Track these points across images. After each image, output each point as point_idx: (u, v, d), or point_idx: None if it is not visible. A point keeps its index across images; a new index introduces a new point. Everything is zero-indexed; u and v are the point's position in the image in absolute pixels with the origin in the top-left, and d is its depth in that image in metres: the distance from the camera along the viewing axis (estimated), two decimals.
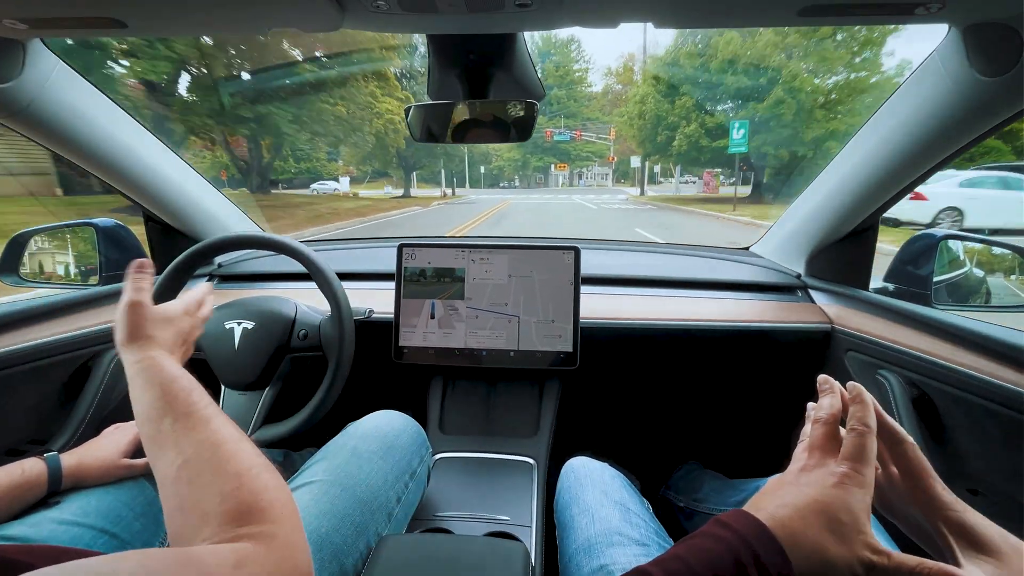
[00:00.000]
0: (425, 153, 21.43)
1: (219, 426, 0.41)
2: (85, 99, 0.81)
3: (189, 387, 0.44)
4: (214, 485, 0.36)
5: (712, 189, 21.25)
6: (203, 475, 0.37)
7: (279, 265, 1.19)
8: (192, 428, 0.40)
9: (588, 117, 37.66)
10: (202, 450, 0.39)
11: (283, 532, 0.35)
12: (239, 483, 0.37)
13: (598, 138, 34.26)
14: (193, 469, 0.37)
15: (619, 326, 1.01)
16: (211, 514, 0.35)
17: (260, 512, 0.35)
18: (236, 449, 0.40)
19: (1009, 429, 0.66)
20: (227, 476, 0.37)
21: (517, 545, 0.59)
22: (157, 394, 0.43)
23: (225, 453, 0.39)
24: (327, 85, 13.93)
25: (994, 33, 0.56)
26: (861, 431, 0.35)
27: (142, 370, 0.45)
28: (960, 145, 0.71)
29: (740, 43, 14.00)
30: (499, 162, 40.05)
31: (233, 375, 0.82)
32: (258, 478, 0.38)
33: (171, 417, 0.41)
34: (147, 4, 0.53)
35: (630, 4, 0.53)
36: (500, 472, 0.89)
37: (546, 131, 30.62)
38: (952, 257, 1.01)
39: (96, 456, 0.62)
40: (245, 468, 0.38)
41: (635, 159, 24.87)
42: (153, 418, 0.41)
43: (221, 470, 0.37)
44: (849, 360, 0.93)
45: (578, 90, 38.11)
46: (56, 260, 1.14)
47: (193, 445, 0.39)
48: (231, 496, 0.36)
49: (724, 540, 0.32)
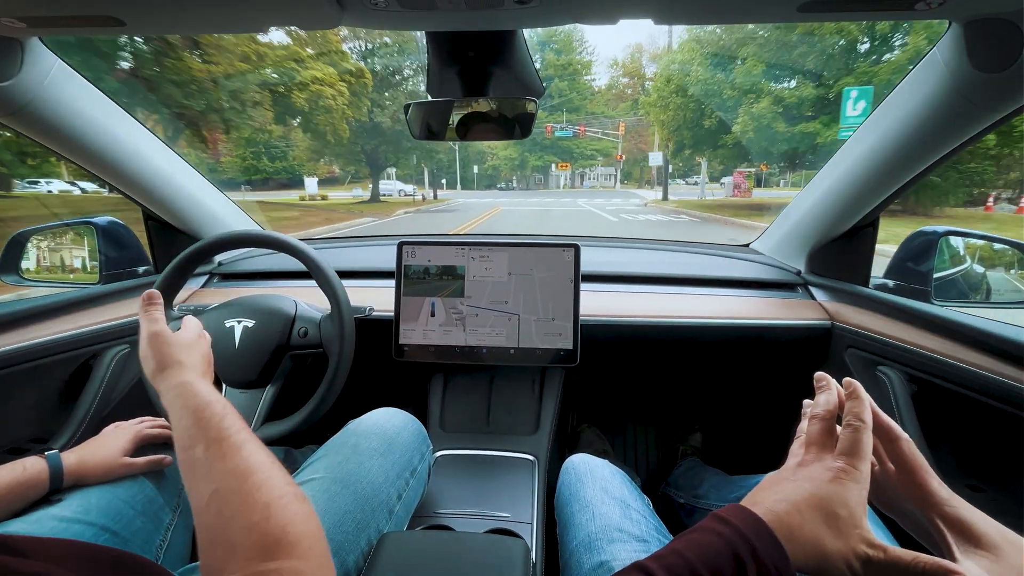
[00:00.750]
0: (394, 148, 18.15)
1: (250, 453, 0.41)
2: (84, 97, 0.81)
3: (222, 412, 0.44)
4: (241, 516, 0.36)
5: (744, 192, 17.15)
6: (231, 505, 0.37)
7: (279, 263, 1.19)
8: (223, 456, 0.40)
9: (592, 112, 34.62)
10: (231, 479, 0.38)
11: (310, 568, 0.34)
12: (267, 514, 0.36)
13: (604, 134, 31.40)
14: (222, 499, 0.37)
15: (619, 323, 1.01)
16: (238, 546, 0.34)
17: (288, 546, 0.35)
18: (266, 477, 0.39)
19: (1009, 425, 0.66)
20: (255, 507, 0.36)
21: (518, 542, 0.59)
22: (191, 421, 0.43)
23: (255, 482, 0.38)
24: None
25: (994, 29, 0.56)
26: (857, 426, 0.35)
27: (177, 396, 0.46)
28: (960, 141, 0.71)
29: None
30: (495, 161, 35.81)
31: (234, 373, 0.82)
32: (287, 509, 0.37)
33: (203, 444, 0.41)
34: (145, 2, 0.53)
35: (630, 1, 0.53)
36: (501, 469, 0.89)
37: (546, 127, 27.51)
38: (952, 253, 1.01)
39: (97, 454, 0.63)
40: (275, 498, 0.37)
41: (654, 156, 21.80)
42: (187, 446, 0.41)
43: (249, 500, 0.37)
44: (849, 356, 0.94)
45: (581, 81, 33.51)
46: (56, 259, 1.14)
47: (223, 474, 0.38)
48: (258, 528, 0.35)
49: (722, 535, 0.32)
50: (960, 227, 0.97)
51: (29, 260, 1.05)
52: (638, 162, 35.18)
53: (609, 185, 36.28)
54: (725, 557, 0.31)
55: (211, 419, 0.43)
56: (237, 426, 0.43)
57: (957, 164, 8.09)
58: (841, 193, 0.92)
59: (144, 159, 0.95)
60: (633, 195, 23.46)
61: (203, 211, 1.12)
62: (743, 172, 17.46)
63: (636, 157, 34.33)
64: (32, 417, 0.85)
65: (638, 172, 36.16)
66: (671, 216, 12.25)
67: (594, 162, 34.88)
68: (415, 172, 24.16)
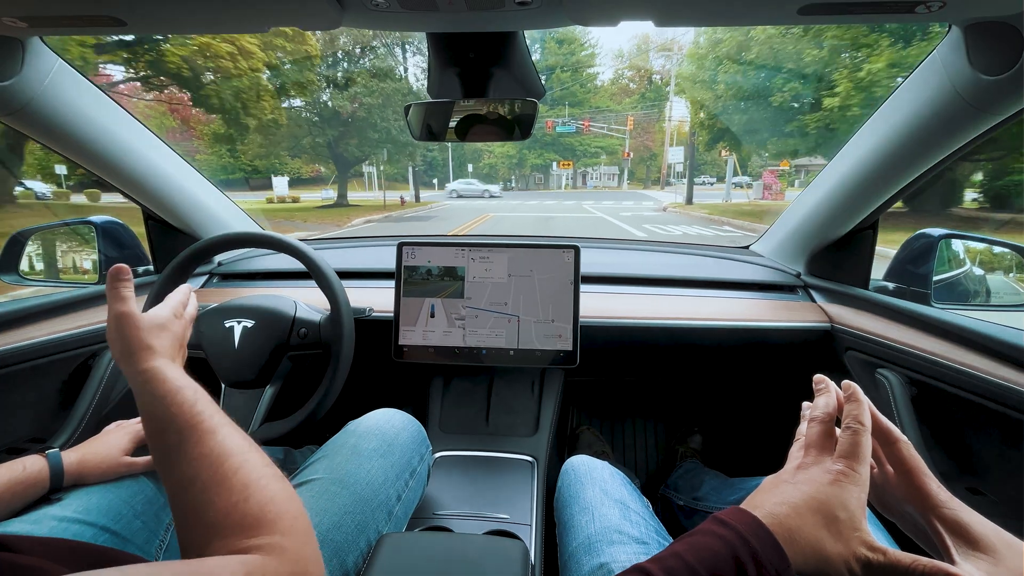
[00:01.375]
0: (359, 141, 14.92)
1: (225, 436, 0.40)
2: (85, 97, 0.81)
3: (193, 398, 0.43)
4: (220, 498, 0.36)
5: (776, 195, 14.52)
6: (209, 488, 0.36)
7: (279, 263, 1.19)
8: (198, 441, 0.39)
9: (596, 106, 31.60)
10: (207, 463, 0.38)
11: (294, 544, 0.35)
12: (246, 494, 0.36)
13: (610, 130, 29.05)
14: (199, 483, 0.37)
15: (619, 325, 1.01)
16: (218, 526, 0.34)
17: (269, 523, 0.35)
18: (243, 460, 0.39)
19: (1008, 428, 0.66)
20: (233, 488, 0.36)
21: (517, 543, 0.59)
22: (162, 407, 0.42)
23: (232, 465, 0.38)
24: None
25: (995, 31, 0.56)
26: (856, 429, 0.35)
27: (145, 382, 0.44)
28: (960, 144, 0.71)
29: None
30: (491, 159, 33.39)
31: (233, 373, 0.82)
32: (266, 488, 0.37)
33: (175, 430, 0.40)
34: (146, 2, 0.53)
35: (630, 2, 0.53)
36: (500, 471, 0.89)
37: (547, 122, 25.49)
38: (951, 256, 1.01)
39: (97, 454, 0.63)
40: (254, 479, 0.37)
41: (674, 151, 19.24)
42: (159, 432, 0.41)
43: (227, 482, 0.37)
44: (849, 359, 0.94)
45: (585, 73, 31.66)
46: (56, 258, 1.14)
47: (198, 458, 0.38)
48: (237, 507, 0.35)
49: (723, 538, 0.32)
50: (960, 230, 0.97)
51: (29, 260, 1.05)
52: (644, 161, 33.52)
53: (613, 185, 33.82)
54: (725, 560, 0.31)
55: (183, 404, 0.41)
56: (209, 411, 0.42)
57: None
58: (841, 196, 0.92)
59: (144, 159, 0.95)
60: (644, 197, 20.49)
61: (203, 211, 1.12)
62: (775, 171, 14.82)
63: (643, 155, 32.64)
64: (31, 416, 0.85)
65: (642, 171, 34.64)
66: (714, 228, 9.28)
67: (598, 160, 33.15)
68: (396, 170, 21.21)
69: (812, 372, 0.44)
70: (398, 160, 17.92)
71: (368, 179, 21.15)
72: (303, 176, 20.81)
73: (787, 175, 13.78)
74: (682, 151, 17.19)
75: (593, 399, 1.49)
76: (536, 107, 0.73)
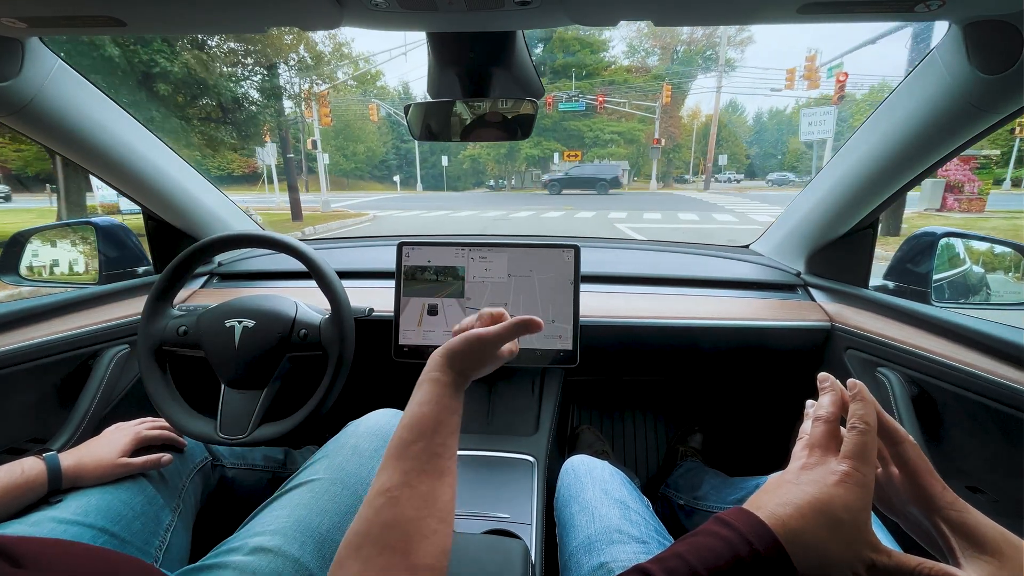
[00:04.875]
0: (232, 112, 9.19)
1: (449, 485, 0.43)
2: (84, 97, 0.81)
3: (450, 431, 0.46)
4: (389, 536, 0.37)
5: (971, 202, 9.23)
6: (394, 529, 0.37)
7: (279, 264, 1.19)
8: (427, 472, 0.42)
9: (612, 80, 23.49)
10: (415, 500, 0.39)
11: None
12: (410, 548, 0.37)
13: (632, 106, 20.98)
14: (392, 512, 0.38)
15: (619, 324, 1.01)
16: (368, 555, 0.35)
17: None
18: (436, 528, 0.40)
19: (1008, 427, 0.66)
20: (410, 537, 0.37)
21: (517, 543, 0.59)
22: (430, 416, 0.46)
23: (429, 519, 0.39)
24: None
25: (994, 30, 0.56)
26: (862, 429, 0.35)
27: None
28: (960, 143, 0.71)
29: None
30: (473, 151, 25.35)
31: (233, 373, 0.82)
32: (429, 552, 0.37)
33: (424, 443, 0.43)
34: (146, 3, 0.53)
35: (630, 2, 0.53)
36: (500, 470, 0.89)
37: (546, 97, 16.93)
38: (952, 255, 1.01)
39: (95, 455, 0.63)
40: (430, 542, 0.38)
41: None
42: (410, 439, 0.43)
43: (410, 530, 0.38)
44: (849, 358, 0.94)
45: (595, 38, 23.85)
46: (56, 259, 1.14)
47: (413, 493, 0.40)
48: (396, 550, 0.36)
49: (725, 538, 0.32)
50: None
51: (29, 260, 1.05)
52: (665, 153, 25.87)
53: (625, 184, 23.84)
54: (728, 561, 0.31)
55: (436, 430, 0.45)
56: (452, 451, 0.45)
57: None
58: (841, 194, 0.92)
59: (144, 159, 0.95)
60: (692, 202, 13.19)
61: (203, 211, 1.12)
62: (968, 160, 9.60)
63: (664, 147, 24.21)
64: (31, 417, 0.85)
65: (650, 166, 24.34)
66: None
67: (613, 150, 25.39)
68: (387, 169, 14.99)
69: (812, 371, 0.44)
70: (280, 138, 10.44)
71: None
72: (237, 172, 14.04)
73: (990, 166, 8.44)
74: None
75: (593, 398, 1.49)
76: (536, 107, 0.73)
